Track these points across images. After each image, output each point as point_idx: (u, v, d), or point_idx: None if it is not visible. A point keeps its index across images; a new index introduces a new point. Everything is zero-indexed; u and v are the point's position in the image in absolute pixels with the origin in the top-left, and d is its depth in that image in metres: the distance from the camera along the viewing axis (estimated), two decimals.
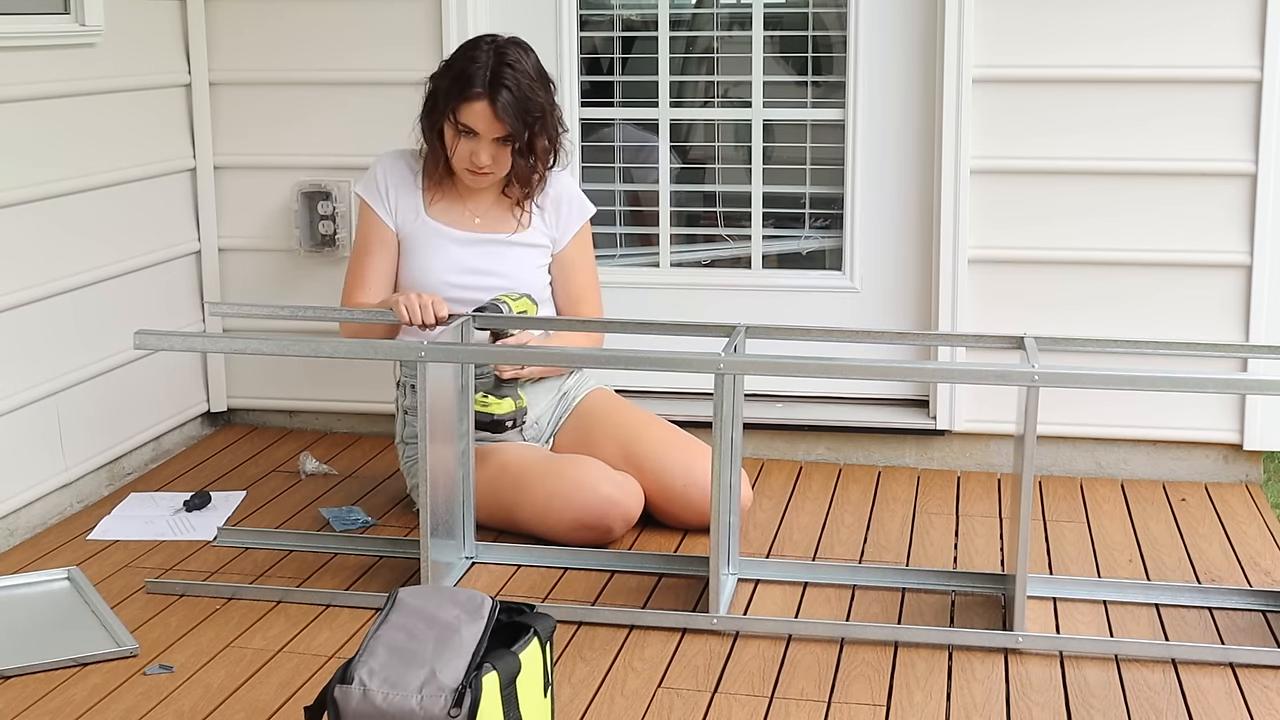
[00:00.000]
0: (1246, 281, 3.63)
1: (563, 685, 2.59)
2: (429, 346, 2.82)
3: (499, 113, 3.23)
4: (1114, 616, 2.89)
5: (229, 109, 4.03)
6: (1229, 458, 3.74)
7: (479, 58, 3.26)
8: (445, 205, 3.42)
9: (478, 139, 3.27)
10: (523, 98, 3.25)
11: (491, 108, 3.23)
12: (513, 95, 3.23)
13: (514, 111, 3.24)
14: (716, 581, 2.81)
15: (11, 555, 3.24)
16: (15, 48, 3.31)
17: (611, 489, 3.23)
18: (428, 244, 3.39)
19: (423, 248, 3.39)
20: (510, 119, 3.24)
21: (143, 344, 2.93)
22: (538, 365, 3.29)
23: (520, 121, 3.25)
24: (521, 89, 3.24)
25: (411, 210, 3.40)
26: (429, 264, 3.38)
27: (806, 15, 3.89)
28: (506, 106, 3.23)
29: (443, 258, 3.38)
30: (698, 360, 2.79)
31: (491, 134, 3.26)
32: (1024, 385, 2.71)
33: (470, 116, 3.25)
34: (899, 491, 3.63)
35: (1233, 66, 3.56)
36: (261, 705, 2.54)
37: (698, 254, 4.07)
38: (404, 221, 3.41)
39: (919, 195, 3.82)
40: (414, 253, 3.40)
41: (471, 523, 3.17)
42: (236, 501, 3.55)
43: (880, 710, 2.52)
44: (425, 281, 3.37)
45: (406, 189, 3.41)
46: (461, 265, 3.38)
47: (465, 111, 3.25)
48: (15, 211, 3.32)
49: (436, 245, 3.38)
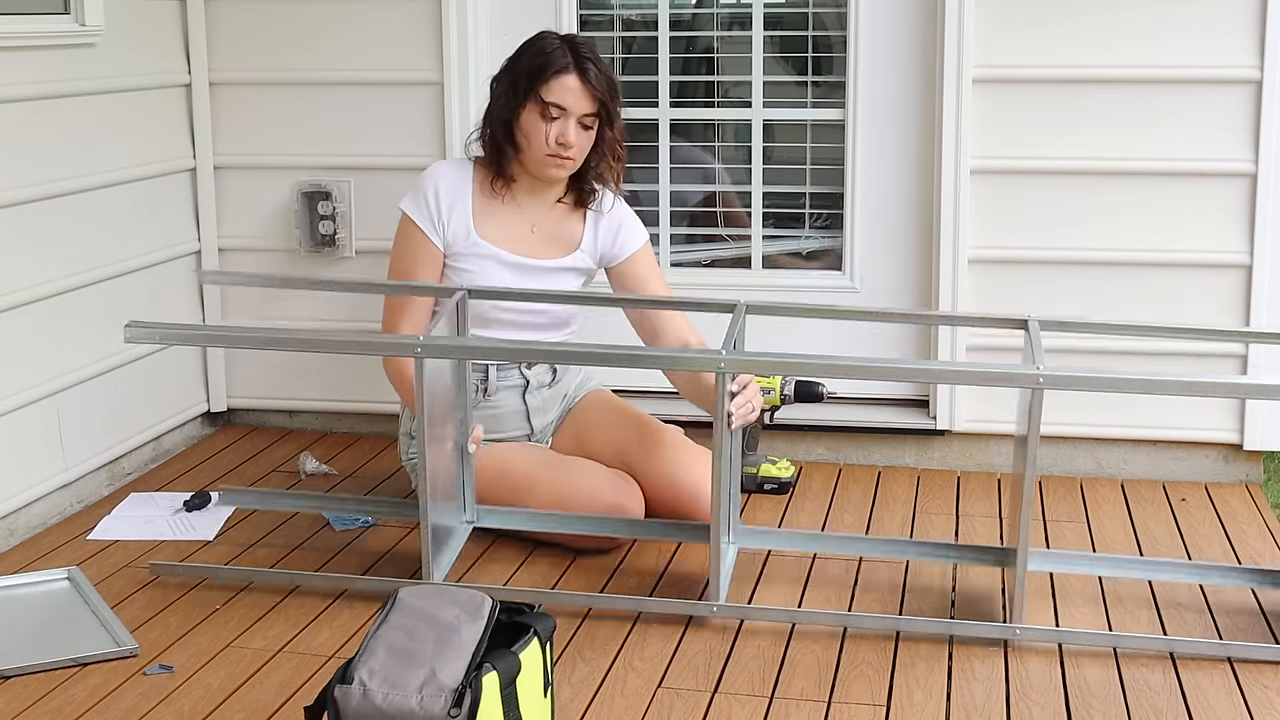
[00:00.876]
0: (1246, 281, 3.63)
1: (563, 685, 2.59)
2: (425, 342, 2.82)
3: (591, 82, 3.23)
4: (1114, 616, 2.89)
5: (229, 109, 4.03)
6: (1229, 458, 3.74)
7: (552, 42, 3.28)
8: (498, 219, 3.34)
9: (565, 118, 3.24)
10: (605, 73, 3.27)
11: (582, 78, 3.23)
12: (598, 69, 3.25)
13: (601, 84, 3.25)
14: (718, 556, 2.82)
15: (11, 555, 3.24)
16: (15, 48, 3.31)
17: (616, 496, 3.23)
18: (479, 266, 3.32)
19: (472, 270, 3.32)
20: (599, 90, 3.24)
21: (134, 337, 2.92)
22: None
23: (607, 94, 3.26)
24: (601, 65, 3.27)
25: (462, 228, 3.32)
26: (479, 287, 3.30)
27: (806, 15, 3.89)
28: (597, 78, 3.24)
29: (491, 282, 3.31)
30: (699, 358, 2.86)
31: (581, 109, 3.24)
32: (1029, 388, 2.70)
33: (559, 92, 3.23)
34: (899, 491, 3.63)
35: (1233, 66, 3.56)
36: (261, 705, 2.54)
37: (698, 254, 4.07)
38: (453, 239, 3.32)
39: (919, 195, 3.82)
40: (462, 274, 3.32)
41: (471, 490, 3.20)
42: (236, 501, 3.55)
43: (880, 710, 2.52)
44: (473, 305, 3.29)
45: (460, 205, 3.33)
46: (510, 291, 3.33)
47: (554, 88, 3.23)
48: (15, 211, 3.32)
49: (488, 268, 3.32)
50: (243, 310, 4.11)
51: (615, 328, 3.48)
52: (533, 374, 3.41)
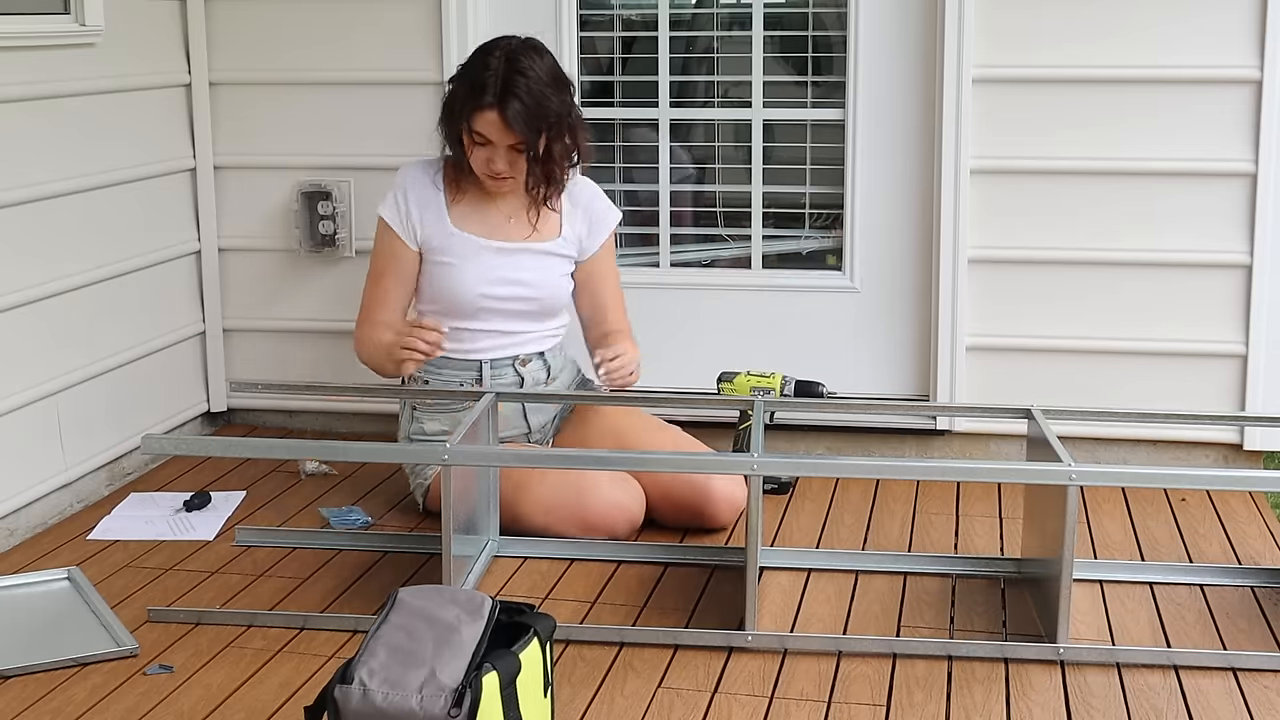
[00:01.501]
0: (1246, 281, 3.63)
1: (563, 685, 2.59)
2: (453, 450, 2.75)
3: (510, 122, 3.20)
4: (1114, 615, 2.89)
5: (229, 109, 4.03)
6: (1229, 458, 3.74)
7: (491, 64, 3.24)
8: (473, 209, 3.38)
9: (493, 146, 3.25)
10: (534, 106, 3.21)
11: (502, 117, 3.20)
12: (523, 105, 3.20)
13: (525, 120, 3.21)
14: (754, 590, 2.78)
15: (11, 555, 3.24)
16: (15, 48, 3.31)
17: (617, 493, 3.23)
18: (460, 255, 3.35)
19: (454, 260, 3.35)
20: (521, 127, 3.21)
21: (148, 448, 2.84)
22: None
23: (532, 130, 3.22)
24: (534, 96, 3.21)
25: (436, 223, 3.36)
26: (464, 275, 3.34)
27: (806, 15, 3.89)
28: (517, 116, 3.20)
29: (476, 267, 3.35)
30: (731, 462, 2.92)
31: (505, 142, 3.24)
32: (1062, 483, 2.66)
33: (483, 125, 3.23)
34: (899, 491, 3.63)
35: (1233, 66, 3.56)
36: (261, 705, 2.54)
37: (698, 254, 4.07)
38: (430, 236, 3.36)
39: (919, 195, 3.82)
40: (444, 266, 3.35)
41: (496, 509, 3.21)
42: (236, 501, 3.55)
43: (880, 710, 2.52)
44: (460, 293, 3.34)
45: (430, 203, 3.37)
46: (495, 275, 3.36)
47: (478, 120, 3.23)
48: (15, 211, 3.32)
49: (470, 255, 3.35)
50: (243, 311, 4.11)
51: None
52: (527, 372, 3.41)
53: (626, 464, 3.16)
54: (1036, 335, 3.76)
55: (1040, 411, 2.96)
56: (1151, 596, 2.98)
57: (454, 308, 3.37)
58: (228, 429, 4.19)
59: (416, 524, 3.40)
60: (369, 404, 4.05)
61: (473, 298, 3.34)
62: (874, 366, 3.91)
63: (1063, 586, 2.65)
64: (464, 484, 2.89)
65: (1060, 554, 2.65)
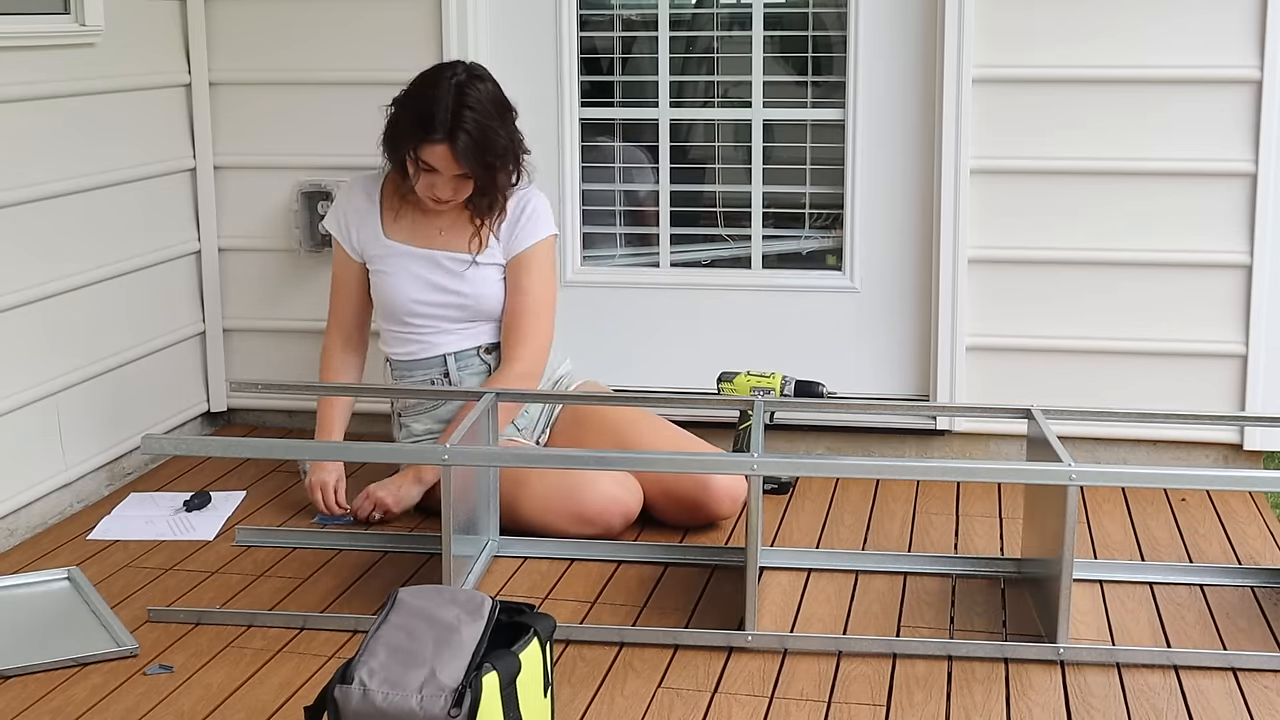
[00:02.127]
0: (1246, 281, 3.63)
1: (563, 685, 2.59)
2: (452, 451, 2.75)
3: (458, 155, 3.26)
4: (1114, 615, 2.89)
5: (229, 109, 4.03)
6: (1229, 458, 3.74)
7: (440, 98, 3.26)
8: (408, 221, 3.45)
9: (437, 174, 3.30)
10: (482, 139, 3.26)
11: (451, 151, 3.25)
12: (472, 139, 3.25)
13: (473, 154, 3.26)
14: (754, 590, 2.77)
15: (11, 555, 3.24)
16: (15, 48, 3.31)
17: (613, 486, 3.24)
18: (392, 265, 3.43)
19: (388, 270, 3.43)
20: (469, 161, 3.27)
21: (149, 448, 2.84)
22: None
23: (479, 163, 3.28)
24: (481, 130, 3.26)
25: (372, 235, 3.45)
26: (396, 285, 3.42)
27: (806, 15, 3.89)
28: (466, 150, 3.25)
29: (407, 277, 3.42)
30: (731, 462, 2.88)
31: (452, 171, 3.29)
32: (1062, 483, 2.66)
33: (431, 157, 3.28)
34: (899, 491, 3.63)
35: (1233, 66, 3.56)
36: (261, 705, 2.54)
37: (698, 254, 4.07)
38: (367, 246, 3.46)
39: (919, 195, 3.82)
40: (382, 275, 3.45)
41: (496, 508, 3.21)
42: (236, 501, 3.55)
43: (880, 710, 2.52)
44: (395, 302, 3.43)
45: (365, 215, 3.46)
46: (428, 283, 3.41)
47: (426, 151, 3.27)
48: (15, 211, 3.32)
49: (400, 265, 3.42)
50: (243, 311, 4.11)
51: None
52: (493, 359, 3.43)
53: (627, 464, 3.16)
54: (1036, 335, 3.76)
55: (1040, 411, 2.96)
56: (1151, 596, 2.98)
57: (393, 313, 3.46)
58: (228, 429, 4.19)
59: (416, 524, 3.40)
60: (368, 404, 4.04)
61: (405, 303, 3.42)
62: (874, 366, 3.91)
63: (1063, 587, 2.65)
64: (464, 484, 2.89)
65: (1060, 554, 2.65)
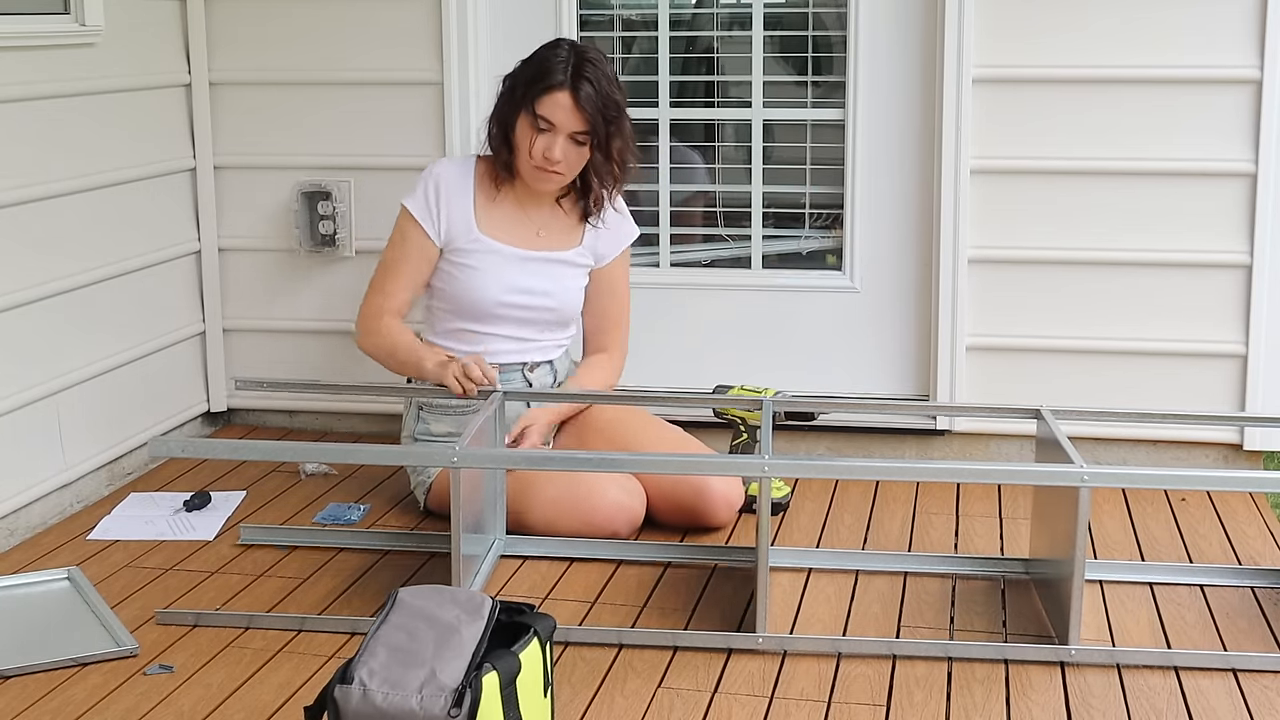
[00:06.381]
0: (1246, 281, 3.63)
1: (563, 685, 2.59)
2: (462, 453, 2.74)
3: (581, 102, 3.21)
4: (1114, 615, 2.89)
5: (229, 109, 4.03)
6: (1229, 458, 3.74)
7: (560, 54, 3.26)
8: (502, 217, 3.37)
9: (554, 133, 3.24)
10: (604, 93, 3.23)
11: (574, 97, 3.21)
12: (594, 89, 3.22)
13: (595, 105, 3.22)
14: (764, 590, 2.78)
15: (11, 555, 3.24)
16: (15, 48, 3.31)
17: (618, 493, 3.24)
18: (482, 262, 3.34)
19: (477, 266, 3.34)
20: (591, 111, 3.22)
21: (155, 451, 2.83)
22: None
23: (600, 115, 3.23)
24: (602, 85, 3.24)
25: (463, 224, 3.34)
26: (483, 282, 3.34)
27: (806, 15, 3.89)
28: (589, 98, 3.21)
29: (496, 277, 3.34)
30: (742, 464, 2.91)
31: (570, 127, 3.24)
32: (1074, 484, 2.65)
33: (550, 108, 3.23)
34: (899, 491, 3.63)
35: (1233, 66, 3.56)
36: (261, 705, 2.54)
37: (698, 254, 4.07)
38: (454, 236, 3.35)
39: (919, 195, 3.82)
40: (466, 270, 3.35)
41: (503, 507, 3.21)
42: (236, 501, 3.55)
43: (880, 710, 2.52)
44: (479, 298, 3.33)
45: (460, 203, 3.35)
46: (515, 285, 3.35)
47: (545, 103, 3.23)
48: (15, 211, 3.32)
49: (492, 264, 3.34)
50: (243, 311, 4.11)
51: None
52: (535, 378, 3.42)
53: (634, 466, 3.16)
54: (1036, 335, 3.76)
55: (1050, 412, 2.96)
56: (1152, 597, 2.98)
57: (469, 311, 3.37)
58: (228, 429, 4.19)
59: (417, 523, 3.40)
60: (370, 404, 4.05)
61: (490, 304, 3.35)
62: (874, 366, 3.91)
63: (1074, 588, 2.65)
64: (471, 484, 2.89)
65: (1072, 555, 2.64)
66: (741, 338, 3.95)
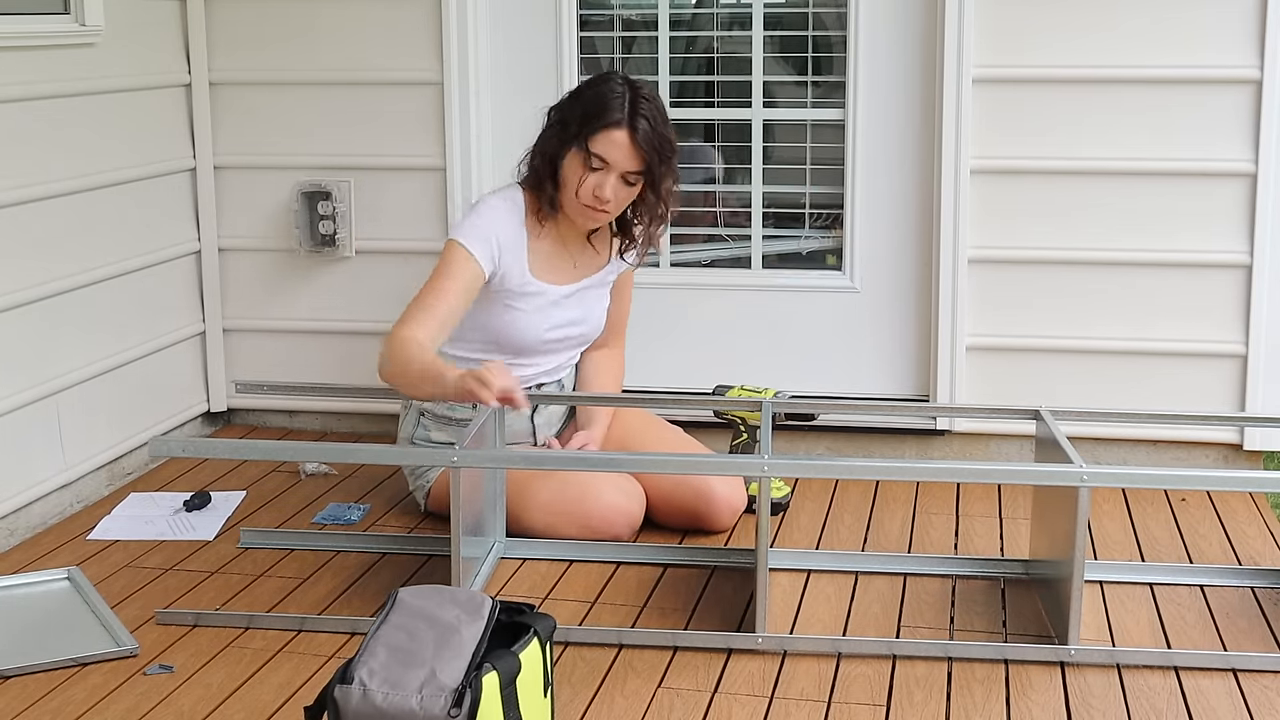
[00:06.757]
0: (1246, 281, 3.64)
1: (563, 685, 2.59)
2: (462, 453, 2.74)
3: (639, 141, 3.14)
4: (1114, 615, 2.89)
5: (229, 109, 4.03)
6: (1229, 458, 3.74)
7: (615, 89, 3.17)
8: (547, 255, 3.30)
9: (606, 172, 3.17)
10: (660, 133, 3.17)
11: (632, 136, 3.13)
12: (650, 126, 3.15)
13: (652, 144, 3.15)
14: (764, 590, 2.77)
15: (11, 555, 3.24)
16: (15, 48, 3.31)
17: (617, 496, 3.23)
18: (530, 304, 3.28)
19: (524, 309, 3.28)
20: (648, 150, 3.14)
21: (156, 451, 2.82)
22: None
23: (656, 155, 3.17)
24: (657, 124, 3.17)
25: (518, 269, 3.26)
26: (529, 323, 3.28)
27: (806, 15, 3.89)
28: (646, 137, 3.14)
29: (543, 317, 3.31)
30: (742, 463, 2.89)
31: (624, 166, 3.16)
32: (1074, 484, 2.65)
33: (605, 146, 3.15)
34: (899, 492, 3.63)
35: (1233, 66, 3.56)
36: (261, 705, 2.54)
37: (698, 254, 4.07)
38: (507, 277, 3.25)
39: (919, 195, 3.82)
40: (513, 310, 3.28)
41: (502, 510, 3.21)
42: (236, 501, 3.55)
43: (880, 710, 2.52)
44: (521, 339, 3.29)
45: (516, 248, 3.25)
46: (557, 321, 3.33)
47: (600, 140, 3.15)
48: (15, 211, 3.32)
49: (538, 305, 3.29)
50: (243, 311, 4.11)
51: None
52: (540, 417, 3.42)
53: (634, 466, 3.16)
54: (1036, 335, 3.76)
55: (1049, 413, 2.96)
56: (1152, 597, 2.98)
57: (509, 345, 3.30)
58: (228, 429, 4.19)
59: (416, 524, 3.40)
60: (370, 404, 4.05)
61: (535, 343, 3.31)
62: (874, 366, 3.91)
63: (1074, 588, 2.65)
64: (471, 486, 2.89)
65: (1071, 555, 2.64)
66: (741, 338, 3.95)
